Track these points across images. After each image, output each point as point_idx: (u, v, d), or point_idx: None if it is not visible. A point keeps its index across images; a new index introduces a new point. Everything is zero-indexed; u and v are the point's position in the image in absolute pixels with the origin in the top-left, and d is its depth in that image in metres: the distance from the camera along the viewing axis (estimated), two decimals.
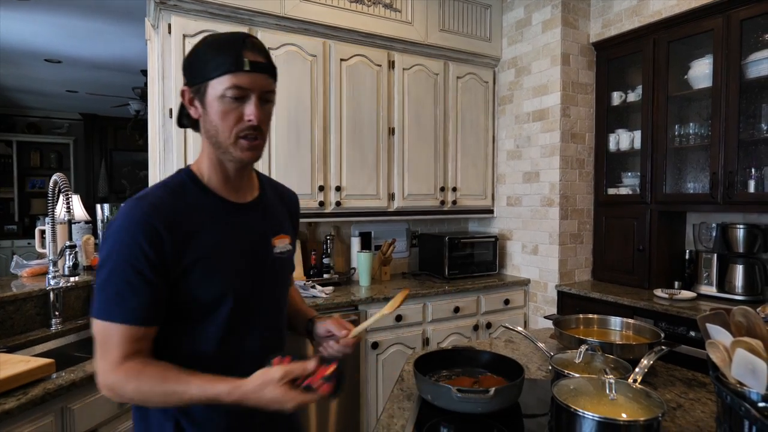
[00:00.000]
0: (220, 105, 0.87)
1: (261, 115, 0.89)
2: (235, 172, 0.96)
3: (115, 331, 0.82)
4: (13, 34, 4.10)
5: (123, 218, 0.85)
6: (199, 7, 2.32)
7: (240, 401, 0.80)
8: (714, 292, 2.49)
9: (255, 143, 0.91)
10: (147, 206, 0.86)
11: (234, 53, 0.86)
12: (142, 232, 0.83)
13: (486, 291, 2.95)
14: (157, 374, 0.81)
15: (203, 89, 0.88)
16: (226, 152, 0.91)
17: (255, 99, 0.88)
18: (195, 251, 0.88)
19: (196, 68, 0.89)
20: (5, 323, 1.84)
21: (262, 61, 0.89)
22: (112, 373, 0.82)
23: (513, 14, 3.20)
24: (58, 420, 1.40)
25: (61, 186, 1.92)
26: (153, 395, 0.81)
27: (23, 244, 6.67)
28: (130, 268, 0.82)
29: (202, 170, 0.96)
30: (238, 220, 0.96)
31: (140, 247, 0.82)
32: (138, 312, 0.83)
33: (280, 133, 2.55)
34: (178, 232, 0.86)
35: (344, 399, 2.47)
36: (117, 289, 0.83)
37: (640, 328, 1.54)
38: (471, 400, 1.07)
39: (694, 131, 2.57)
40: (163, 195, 0.90)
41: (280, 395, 0.78)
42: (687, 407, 1.16)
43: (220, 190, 0.96)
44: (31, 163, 7.05)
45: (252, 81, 0.87)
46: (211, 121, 0.89)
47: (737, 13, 2.30)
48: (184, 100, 0.93)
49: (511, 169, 3.25)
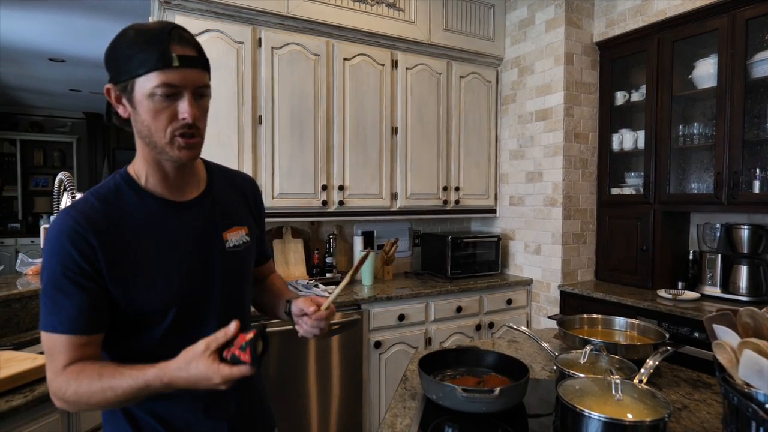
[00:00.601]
0: (151, 104, 0.81)
1: (196, 112, 0.84)
2: (175, 171, 0.91)
3: (57, 341, 0.81)
4: (17, 33, 4.11)
5: (53, 229, 0.84)
6: (203, 7, 2.32)
7: (171, 384, 0.77)
8: (718, 293, 2.49)
9: (192, 141, 0.86)
10: (77, 215, 0.84)
11: (160, 47, 0.80)
12: (71, 242, 0.81)
13: (488, 291, 2.95)
14: (93, 372, 0.80)
15: (130, 87, 0.82)
16: (162, 152, 0.86)
17: (188, 96, 0.83)
18: (132, 263, 0.85)
19: (120, 64, 0.83)
20: (11, 321, 1.85)
21: (192, 55, 0.83)
22: (55, 380, 0.81)
23: (516, 14, 3.20)
24: (64, 417, 1.41)
25: (67, 184, 1.93)
26: (92, 394, 0.79)
27: (26, 242, 6.69)
28: (64, 277, 0.81)
29: (138, 172, 0.91)
30: (181, 221, 0.92)
31: (71, 257, 0.81)
32: (76, 321, 0.81)
33: (283, 132, 2.55)
34: (111, 244, 0.84)
35: (346, 398, 2.47)
36: (54, 299, 0.81)
37: (644, 329, 1.53)
38: (476, 399, 1.07)
39: (699, 131, 2.57)
40: (95, 203, 0.87)
41: (205, 368, 0.75)
42: (692, 408, 1.16)
43: (159, 191, 0.91)
44: (34, 161, 7.07)
45: (183, 77, 0.81)
46: (142, 121, 0.84)
47: (742, 13, 2.29)
48: (110, 99, 0.87)
49: (514, 168, 3.24)
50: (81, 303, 0.82)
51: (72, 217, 0.84)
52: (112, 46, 0.85)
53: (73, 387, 0.79)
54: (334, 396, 2.44)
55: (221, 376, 0.74)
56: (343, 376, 2.46)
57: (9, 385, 1.31)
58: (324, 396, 2.41)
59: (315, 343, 2.37)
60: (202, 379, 0.75)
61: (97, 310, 0.83)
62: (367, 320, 2.53)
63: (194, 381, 0.76)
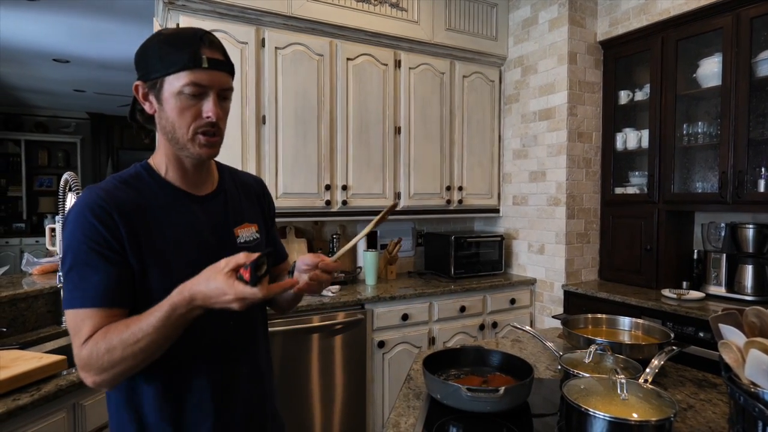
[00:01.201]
0: (177, 101, 0.86)
1: (219, 112, 0.89)
2: (193, 168, 0.96)
3: (84, 315, 0.81)
4: (21, 34, 4.13)
5: (77, 205, 0.85)
6: (207, 7, 2.33)
7: (192, 298, 0.77)
8: (723, 293, 2.48)
9: (213, 139, 0.91)
10: (101, 192, 0.86)
11: (192, 49, 0.85)
12: (95, 215, 0.83)
13: (492, 290, 2.95)
14: (119, 326, 0.80)
15: (159, 84, 0.87)
16: (184, 148, 0.90)
17: (213, 96, 0.88)
18: (151, 246, 0.87)
19: (151, 63, 0.88)
20: (17, 320, 1.86)
21: (220, 59, 0.89)
22: (83, 349, 0.80)
23: (519, 13, 3.19)
24: (70, 416, 1.41)
25: (72, 184, 1.94)
26: (125, 345, 0.78)
27: (31, 242, 6.73)
28: (90, 251, 0.82)
29: (158, 165, 0.95)
30: (196, 212, 0.95)
31: (95, 228, 0.83)
32: (103, 294, 0.82)
33: (287, 132, 2.56)
34: (132, 224, 0.86)
35: (350, 398, 2.48)
36: (80, 273, 0.82)
37: (649, 329, 1.53)
38: (481, 399, 1.07)
39: (703, 130, 2.56)
40: (118, 185, 0.90)
41: (221, 283, 0.75)
42: (698, 408, 1.16)
43: (177, 183, 0.95)
44: (39, 161, 7.11)
45: (210, 78, 0.87)
46: (167, 117, 0.88)
47: (747, 11, 2.28)
48: (137, 95, 0.91)
49: (518, 168, 3.24)
50: (107, 276, 0.82)
51: (96, 193, 0.86)
52: (145, 46, 0.90)
53: (103, 346, 0.78)
54: (338, 396, 2.44)
55: (234, 292, 0.75)
56: (347, 375, 2.46)
57: (15, 384, 1.32)
58: (327, 396, 2.41)
59: (318, 342, 2.38)
60: (218, 294, 0.76)
61: (122, 284, 0.84)
62: (370, 320, 2.53)
63: (211, 295, 0.76)
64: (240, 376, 0.98)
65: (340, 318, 2.43)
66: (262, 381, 1.04)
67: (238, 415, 0.97)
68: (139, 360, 0.79)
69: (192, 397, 0.91)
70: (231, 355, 0.97)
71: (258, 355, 1.04)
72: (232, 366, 0.97)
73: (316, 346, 2.38)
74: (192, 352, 0.91)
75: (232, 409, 0.96)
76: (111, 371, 0.79)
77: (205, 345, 0.93)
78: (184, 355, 0.90)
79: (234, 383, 0.96)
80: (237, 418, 0.97)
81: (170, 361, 0.88)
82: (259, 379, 1.03)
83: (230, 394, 0.96)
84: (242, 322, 0.99)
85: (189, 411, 0.91)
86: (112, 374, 0.80)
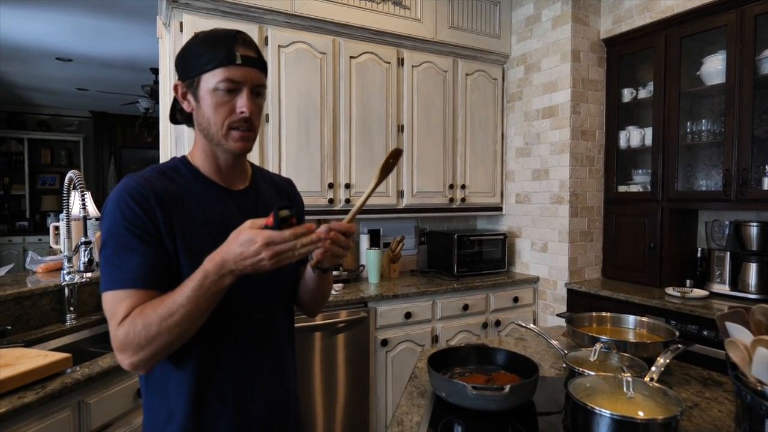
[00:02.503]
0: (213, 98, 0.89)
1: (253, 108, 0.91)
2: (227, 164, 0.98)
3: (122, 296, 0.82)
4: (24, 32, 4.14)
5: (116, 192, 0.88)
6: (210, 5, 2.33)
7: (223, 262, 0.78)
8: (727, 291, 2.47)
9: (247, 134, 0.93)
10: (138, 179, 0.89)
11: (226, 48, 0.88)
12: (134, 199, 0.85)
13: (495, 289, 2.95)
14: (154, 302, 0.81)
15: (196, 83, 0.90)
16: (219, 144, 0.93)
17: (247, 92, 0.90)
18: (185, 236, 0.88)
19: (189, 63, 0.91)
20: (22, 318, 1.87)
21: (253, 56, 0.92)
22: (120, 329, 0.80)
23: (522, 11, 3.18)
24: (75, 414, 1.42)
25: (76, 182, 1.94)
26: (159, 320, 0.78)
27: (34, 240, 6.75)
28: (129, 234, 0.84)
29: (195, 160, 0.98)
30: (229, 206, 0.97)
31: (134, 212, 0.85)
32: (142, 275, 0.83)
33: (290, 130, 2.56)
34: (168, 212, 0.88)
35: (353, 396, 2.48)
36: (119, 256, 0.83)
37: (654, 327, 1.53)
38: (486, 397, 1.07)
39: (707, 128, 2.55)
40: (156, 174, 0.93)
41: (248, 233, 0.76)
42: (704, 406, 1.16)
43: (212, 177, 0.98)
44: (42, 160, 7.12)
45: (244, 74, 0.89)
46: (203, 113, 0.91)
47: (751, 9, 2.27)
48: (177, 95, 0.95)
49: (521, 166, 3.23)
50: (145, 258, 0.84)
51: (134, 180, 0.89)
52: (183, 48, 0.94)
53: (140, 322, 0.79)
54: (341, 394, 2.45)
55: (262, 236, 0.75)
56: (350, 374, 2.46)
57: (20, 381, 1.32)
58: (330, 394, 2.42)
59: (322, 340, 2.38)
60: (246, 244, 0.76)
61: (159, 266, 0.85)
62: (373, 318, 2.54)
63: (240, 251, 0.76)
64: (263, 374, 0.98)
65: (343, 316, 2.43)
66: (285, 380, 1.04)
67: (258, 413, 0.97)
68: (174, 335, 0.80)
69: (214, 389, 0.92)
70: (255, 351, 0.97)
71: (283, 355, 1.04)
72: (256, 362, 0.97)
73: (319, 345, 2.38)
74: (218, 344, 0.92)
75: (253, 406, 0.96)
76: (148, 349, 0.80)
77: (230, 338, 0.94)
78: (211, 346, 0.91)
79: (256, 380, 0.97)
80: (257, 416, 0.97)
81: (197, 351, 0.90)
82: (282, 379, 1.03)
83: (252, 391, 0.96)
84: (267, 317, 1.00)
85: (210, 403, 0.92)
86: (149, 352, 0.80)
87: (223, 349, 0.93)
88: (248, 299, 0.95)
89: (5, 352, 1.46)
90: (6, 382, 1.28)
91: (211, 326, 0.87)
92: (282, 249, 0.76)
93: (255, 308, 0.97)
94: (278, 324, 1.04)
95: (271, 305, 1.01)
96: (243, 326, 0.96)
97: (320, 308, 1.19)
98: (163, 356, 0.83)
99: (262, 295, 0.99)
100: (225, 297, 0.84)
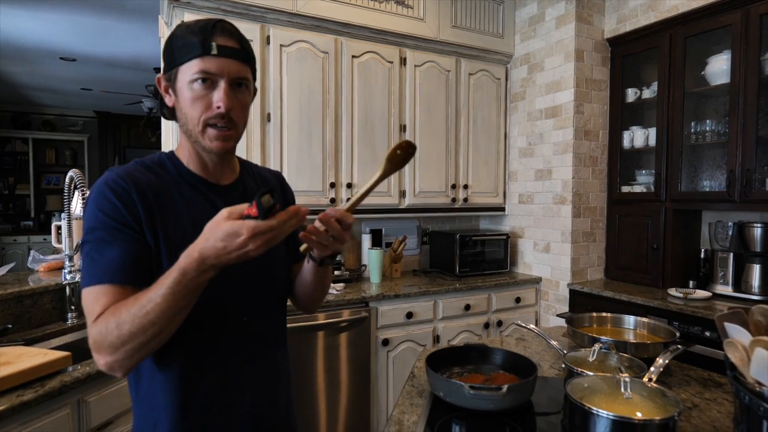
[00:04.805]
0: (189, 91, 0.85)
1: (231, 103, 0.85)
2: (212, 161, 0.94)
3: (99, 292, 0.78)
4: (29, 32, 4.17)
5: (96, 185, 0.85)
6: (212, 4, 2.33)
7: (202, 258, 0.72)
8: (730, 292, 2.45)
9: (224, 133, 0.87)
10: (121, 171, 0.86)
11: (202, 37, 0.83)
12: (114, 193, 0.83)
13: (497, 289, 2.94)
14: (129, 300, 0.77)
15: (174, 75, 0.86)
16: (197, 141, 0.88)
17: (224, 85, 0.84)
18: (163, 231, 0.85)
19: (168, 55, 0.87)
20: (23, 317, 1.88)
21: (232, 46, 0.86)
22: (95, 326, 0.77)
23: (526, 10, 3.17)
24: (75, 412, 1.42)
25: (77, 182, 1.95)
26: (132, 319, 0.74)
27: (39, 240, 6.80)
28: (106, 226, 0.81)
29: (180, 155, 0.95)
30: (215, 201, 0.93)
31: (113, 205, 0.82)
32: (117, 270, 0.79)
33: (291, 129, 2.56)
34: (150, 207, 0.85)
35: (354, 396, 2.48)
36: (98, 250, 0.80)
37: (654, 327, 1.52)
38: (484, 397, 1.06)
39: (711, 128, 2.53)
40: (139, 168, 0.90)
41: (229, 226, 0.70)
42: (703, 407, 1.15)
43: (198, 173, 0.94)
44: (46, 160, 7.17)
45: (220, 66, 0.84)
46: (181, 108, 0.87)
47: (756, 8, 2.25)
48: (160, 89, 0.91)
49: (523, 166, 3.22)
50: (123, 252, 0.81)
51: (115, 172, 0.86)
52: (166, 40, 0.89)
53: (113, 321, 0.75)
54: (342, 393, 2.45)
55: (247, 228, 0.69)
56: (351, 373, 2.46)
57: (20, 380, 1.32)
58: (332, 393, 2.42)
59: (323, 340, 2.38)
60: (229, 238, 0.70)
61: (139, 261, 0.82)
62: (375, 318, 2.53)
63: (223, 245, 0.71)
64: (251, 377, 0.95)
65: (345, 316, 2.43)
66: (275, 384, 1.00)
67: (246, 418, 0.93)
68: (149, 335, 0.74)
69: (201, 395, 0.89)
70: (243, 354, 0.94)
71: (273, 357, 1.00)
72: (244, 366, 0.94)
73: (321, 344, 2.38)
74: (204, 347, 0.89)
75: (240, 410, 0.93)
76: (122, 349, 0.75)
77: (217, 341, 0.90)
78: (197, 350, 0.88)
79: (244, 383, 0.93)
80: (245, 420, 0.93)
81: (183, 356, 0.87)
82: (272, 382, 0.99)
83: (239, 395, 0.93)
84: (256, 319, 0.96)
85: (197, 408, 0.89)
86: (124, 353, 0.75)
87: (210, 352, 0.90)
88: (235, 301, 0.92)
89: (5, 351, 1.47)
90: (5, 380, 1.29)
91: (197, 329, 0.85)
92: (270, 237, 0.71)
93: (243, 310, 0.94)
94: (268, 325, 1.00)
95: (260, 307, 0.98)
96: (230, 329, 0.92)
97: (318, 305, 1.14)
98: (141, 358, 0.78)
99: (251, 297, 0.95)
100: (211, 299, 0.80)
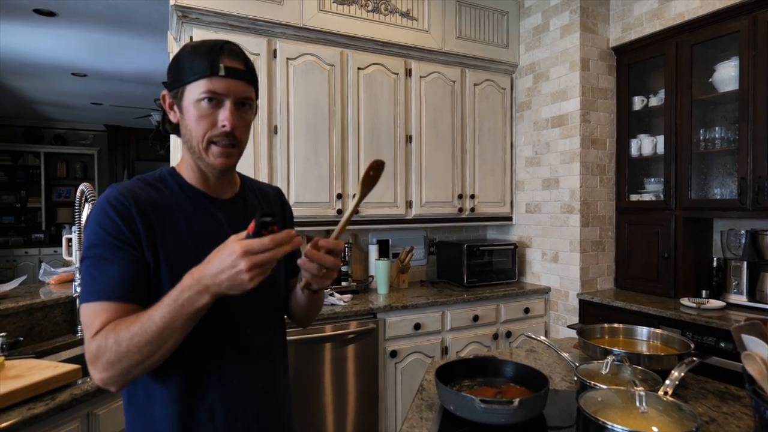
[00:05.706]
0: (195, 110, 0.87)
1: (235, 122, 0.88)
2: (214, 176, 0.96)
3: (98, 309, 0.80)
4: (41, 49, 4.25)
5: (97, 202, 0.87)
6: (219, 20, 2.36)
7: (201, 280, 0.74)
8: (744, 302, 2.41)
9: (228, 150, 0.90)
10: (122, 188, 0.88)
11: (210, 59, 0.87)
12: (115, 210, 0.84)
13: (505, 299, 2.91)
14: (129, 318, 0.78)
15: (180, 94, 0.89)
16: (200, 158, 0.91)
17: (230, 105, 0.88)
18: (163, 248, 0.86)
19: (175, 73, 0.90)
20: (34, 329, 1.89)
21: (239, 68, 0.89)
22: (93, 341, 0.78)
23: (530, 20, 3.19)
24: (84, 425, 1.42)
25: (88, 195, 1.97)
26: (130, 336, 0.75)
27: (50, 252, 6.86)
28: (107, 245, 0.82)
29: (183, 170, 0.97)
30: (217, 216, 0.95)
31: (113, 222, 0.83)
32: (116, 287, 0.81)
33: (298, 141, 2.57)
34: (150, 224, 0.86)
35: (362, 409, 2.45)
36: (98, 267, 0.82)
37: (668, 339, 1.49)
38: (495, 411, 1.04)
39: (720, 135, 2.51)
40: (141, 185, 0.92)
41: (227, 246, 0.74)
42: (721, 421, 1.12)
43: (200, 188, 0.96)
44: (57, 173, 7.27)
45: (227, 86, 0.87)
46: (186, 125, 0.90)
47: (764, 15, 2.24)
48: (164, 105, 0.94)
49: (530, 175, 3.21)
50: (123, 270, 0.82)
51: (117, 189, 0.88)
52: (173, 58, 0.92)
53: (111, 338, 0.76)
54: (350, 406, 2.42)
55: (241, 245, 0.72)
56: (359, 385, 2.44)
57: (31, 393, 1.33)
58: (339, 406, 2.39)
59: (331, 352, 2.37)
60: (225, 257, 0.73)
61: (138, 279, 0.83)
62: (382, 329, 2.52)
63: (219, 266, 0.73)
64: (255, 390, 0.95)
65: (353, 327, 2.42)
66: (280, 397, 1.01)
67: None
68: (145, 354, 0.76)
69: (204, 408, 0.89)
70: (246, 367, 0.94)
71: (275, 370, 1.01)
72: (247, 379, 0.94)
73: (328, 356, 2.37)
74: (206, 359, 0.90)
75: (246, 425, 0.93)
76: (118, 366, 0.76)
77: (219, 353, 0.91)
78: (199, 361, 0.89)
79: (249, 397, 0.94)
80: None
81: (184, 367, 0.87)
82: (276, 395, 1.00)
83: (244, 409, 0.93)
84: (258, 331, 0.97)
85: (200, 422, 0.89)
86: (120, 370, 0.77)
87: (213, 364, 0.90)
88: (238, 313, 0.93)
89: (16, 363, 1.48)
90: (16, 393, 1.29)
91: (198, 341, 0.85)
92: (262, 259, 0.72)
93: (245, 323, 0.95)
94: (270, 338, 1.01)
95: (262, 319, 0.99)
96: (233, 341, 0.93)
97: (311, 321, 1.19)
98: (136, 375, 0.79)
99: (253, 309, 0.96)
100: (214, 311, 0.81)
